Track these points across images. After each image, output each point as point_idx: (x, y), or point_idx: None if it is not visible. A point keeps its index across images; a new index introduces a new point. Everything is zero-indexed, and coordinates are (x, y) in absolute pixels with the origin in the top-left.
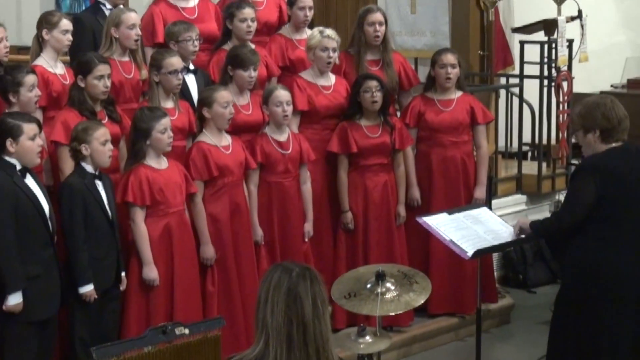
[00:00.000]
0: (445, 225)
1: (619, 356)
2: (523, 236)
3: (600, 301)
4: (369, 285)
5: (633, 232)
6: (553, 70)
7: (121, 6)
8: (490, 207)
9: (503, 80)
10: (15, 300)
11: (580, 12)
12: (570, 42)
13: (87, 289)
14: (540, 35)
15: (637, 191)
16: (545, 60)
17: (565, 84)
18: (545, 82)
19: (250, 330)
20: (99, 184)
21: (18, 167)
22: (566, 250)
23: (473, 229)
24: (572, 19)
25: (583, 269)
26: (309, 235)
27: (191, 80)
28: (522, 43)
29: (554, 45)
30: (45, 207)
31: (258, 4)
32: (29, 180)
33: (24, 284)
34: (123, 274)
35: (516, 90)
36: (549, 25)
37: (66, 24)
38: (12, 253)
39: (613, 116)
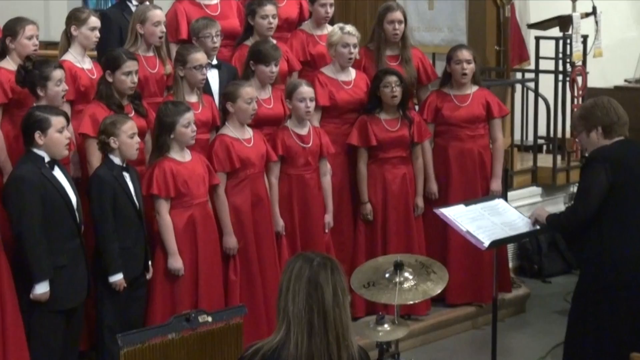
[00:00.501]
0: (462, 217)
1: None
2: (538, 227)
3: (618, 290)
4: (387, 275)
5: None
6: (568, 65)
7: (147, 3)
8: (506, 199)
9: (519, 75)
10: (42, 289)
11: (594, 8)
12: (585, 38)
13: (117, 278)
14: (556, 31)
15: None
16: (560, 55)
17: (579, 79)
18: (560, 77)
19: (270, 318)
20: (127, 176)
21: (46, 159)
22: (582, 241)
23: (489, 220)
24: (587, 15)
25: (599, 259)
26: (329, 226)
27: (213, 75)
28: (537, 39)
29: (568, 40)
30: (73, 198)
31: (279, 1)
32: (57, 172)
33: (51, 273)
34: (150, 262)
35: (532, 84)
36: (564, 22)
37: (94, 21)
38: (39, 243)
39: (612, 112)
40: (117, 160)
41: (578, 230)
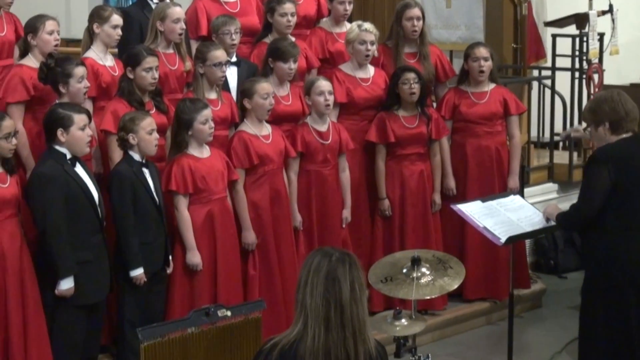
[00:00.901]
0: (479, 213)
1: None
2: (553, 223)
3: (623, 288)
4: (404, 270)
5: None
6: (584, 63)
7: (167, 0)
8: (522, 195)
9: (535, 73)
10: (67, 285)
11: (611, 6)
12: (601, 36)
13: (138, 272)
14: (572, 29)
15: None
16: (577, 53)
17: (596, 76)
18: (577, 74)
19: (289, 312)
20: (146, 172)
21: (68, 156)
22: (587, 239)
23: (506, 216)
24: (603, 13)
25: (603, 257)
26: (346, 221)
27: (231, 72)
28: (554, 36)
29: (585, 38)
30: (95, 194)
31: None
32: (79, 169)
33: (76, 269)
34: (170, 257)
35: (548, 82)
36: (580, 19)
37: (116, 19)
38: (64, 240)
39: (620, 108)
40: (136, 156)
41: (583, 228)
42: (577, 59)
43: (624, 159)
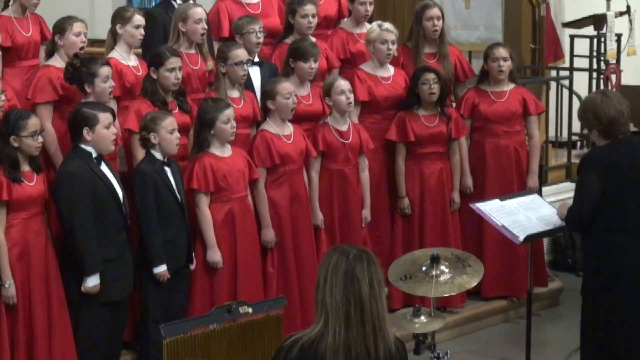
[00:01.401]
0: (497, 211)
1: None
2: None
3: (618, 290)
4: (424, 268)
5: (638, 220)
6: (602, 63)
7: (190, 1)
8: (540, 194)
9: (554, 73)
10: (93, 282)
11: (628, 7)
12: (619, 37)
13: (161, 269)
14: (590, 30)
15: (638, 180)
16: (595, 53)
17: (613, 77)
18: (594, 74)
19: (305, 309)
20: (168, 170)
21: (94, 154)
22: (583, 240)
23: (524, 215)
24: (621, 14)
25: (596, 260)
26: (366, 220)
27: (255, 72)
28: (572, 37)
29: (602, 39)
30: (119, 192)
31: None
32: (104, 167)
33: (102, 266)
34: (193, 254)
35: (566, 82)
36: (598, 20)
37: (139, 19)
38: (91, 237)
39: (602, 115)
40: (158, 155)
41: (581, 229)
42: (594, 60)
43: (612, 161)
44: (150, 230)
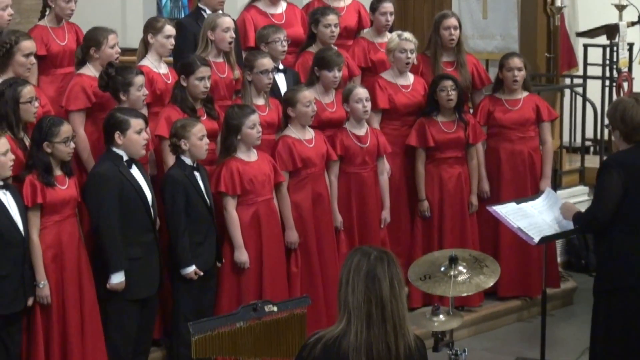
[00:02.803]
0: (513, 214)
1: None
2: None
3: (631, 291)
4: (442, 268)
5: None
6: (614, 72)
7: (219, 11)
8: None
9: (567, 81)
10: (118, 279)
11: None
12: (631, 46)
13: (188, 270)
14: (603, 39)
15: None
16: (607, 62)
17: (625, 85)
18: (607, 82)
19: (329, 308)
20: (197, 175)
21: (125, 158)
22: (597, 242)
23: (539, 218)
24: (633, 24)
25: (609, 261)
26: (385, 222)
27: (281, 79)
28: (585, 46)
29: (615, 48)
30: (148, 195)
31: (340, 10)
32: (134, 171)
33: (126, 264)
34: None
35: (580, 90)
36: (610, 30)
37: (169, 29)
38: (116, 236)
39: (629, 120)
40: (188, 160)
41: (598, 232)
42: (607, 68)
43: (633, 165)
44: (178, 233)
